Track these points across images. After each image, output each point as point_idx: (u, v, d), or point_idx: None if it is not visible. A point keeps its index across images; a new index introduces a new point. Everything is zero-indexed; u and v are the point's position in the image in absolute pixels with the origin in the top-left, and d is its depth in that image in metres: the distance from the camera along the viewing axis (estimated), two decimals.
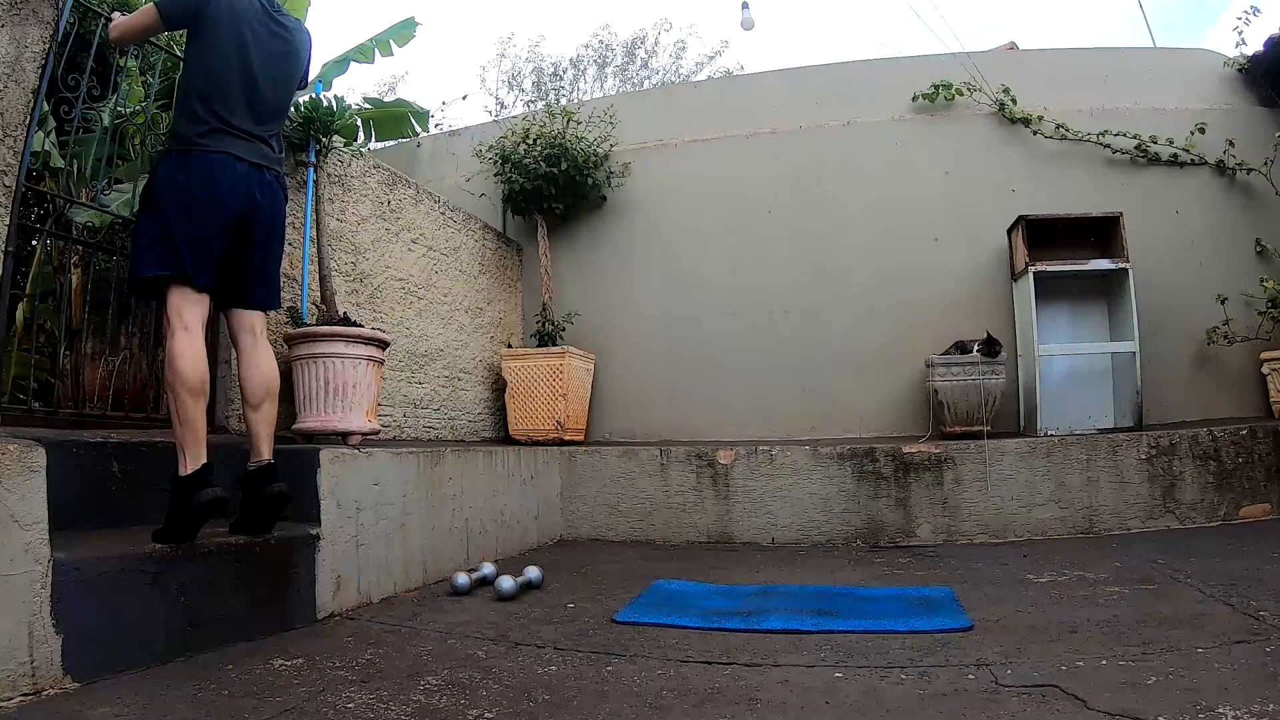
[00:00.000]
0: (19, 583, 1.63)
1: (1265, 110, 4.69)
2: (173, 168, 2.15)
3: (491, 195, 5.51)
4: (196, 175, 2.13)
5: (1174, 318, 4.46)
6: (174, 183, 2.13)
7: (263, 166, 2.28)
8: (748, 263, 5.05)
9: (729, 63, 17.02)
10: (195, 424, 2.05)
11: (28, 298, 3.00)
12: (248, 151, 2.23)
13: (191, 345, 2.08)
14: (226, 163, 2.18)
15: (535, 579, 2.87)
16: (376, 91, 11.59)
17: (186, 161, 2.15)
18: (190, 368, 2.05)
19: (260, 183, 2.27)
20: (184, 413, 2.03)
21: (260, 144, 2.29)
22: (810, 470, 3.81)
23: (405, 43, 5.05)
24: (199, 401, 2.06)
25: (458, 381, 4.59)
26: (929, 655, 1.91)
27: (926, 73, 4.97)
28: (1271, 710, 1.41)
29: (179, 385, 2.03)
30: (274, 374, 2.35)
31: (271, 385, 2.33)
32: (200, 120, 2.17)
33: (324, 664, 1.95)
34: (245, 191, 2.22)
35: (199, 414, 2.06)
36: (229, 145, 2.19)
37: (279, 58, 2.37)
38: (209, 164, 2.16)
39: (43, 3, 2.16)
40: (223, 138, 2.18)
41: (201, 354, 2.10)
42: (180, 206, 2.11)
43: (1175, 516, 3.54)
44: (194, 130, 2.17)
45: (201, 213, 2.13)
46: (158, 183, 2.16)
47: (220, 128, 2.18)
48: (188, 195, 2.12)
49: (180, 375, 2.03)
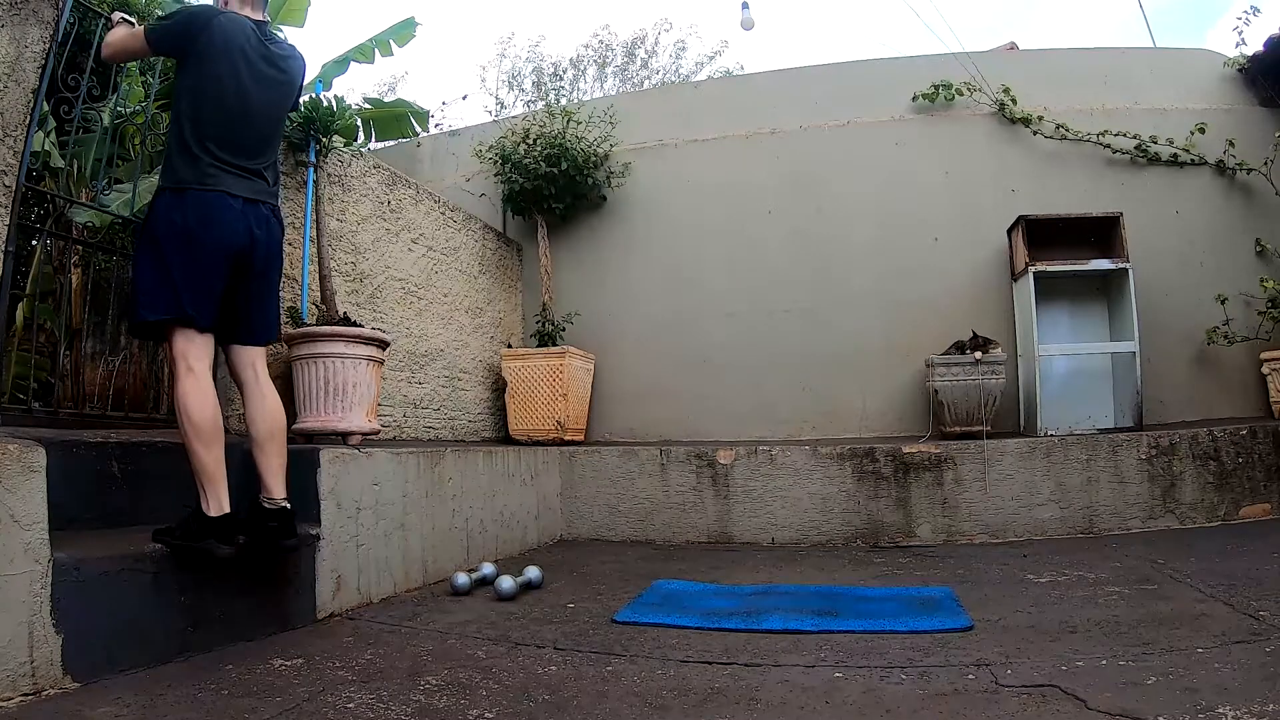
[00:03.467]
0: (19, 583, 1.63)
1: (1265, 110, 4.69)
2: (168, 206, 2.12)
3: (491, 195, 5.51)
4: (193, 215, 2.10)
5: (1174, 318, 4.46)
6: (171, 223, 2.09)
7: (259, 201, 2.25)
8: (748, 263, 5.05)
9: (729, 63, 17.02)
10: (210, 470, 2.04)
11: (28, 298, 3.00)
12: (243, 188, 2.20)
13: (199, 388, 2.07)
14: (222, 201, 2.15)
15: (535, 579, 2.87)
16: (376, 91, 11.61)
17: (182, 200, 2.11)
18: (198, 410, 2.03)
19: (257, 218, 2.23)
20: (197, 460, 2.02)
21: (255, 179, 2.26)
22: (810, 470, 3.81)
23: (405, 43, 5.04)
24: (211, 449, 2.04)
25: (458, 381, 4.59)
26: (929, 655, 1.91)
27: (926, 73, 4.98)
28: (1271, 710, 1.41)
29: (189, 429, 2.02)
30: (279, 413, 2.30)
31: (276, 426, 2.28)
32: (194, 157, 2.13)
33: (324, 664, 1.95)
34: (242, 228, 2.18)
35: (213, 461, 2.05)
36: (224, 183, 2.16)
37: (273, 87, 2.32)
38: (205, 203, 2.12)
39: (43, 3, 2.16)
40: (218, 175, 2.15)
41: (210, 396, 2.09)
42: (178, 247, 2.08)
43: (1175, 516, 3.54)
44: (188, 168, 2.13)
45: (200, 253, 2.10)
46: (154, 223, 2.13)
47: (214, 165, 2.15)
48: (185, 235, 2.08)
49: (190, 419, 2.02)
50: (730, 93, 5.86)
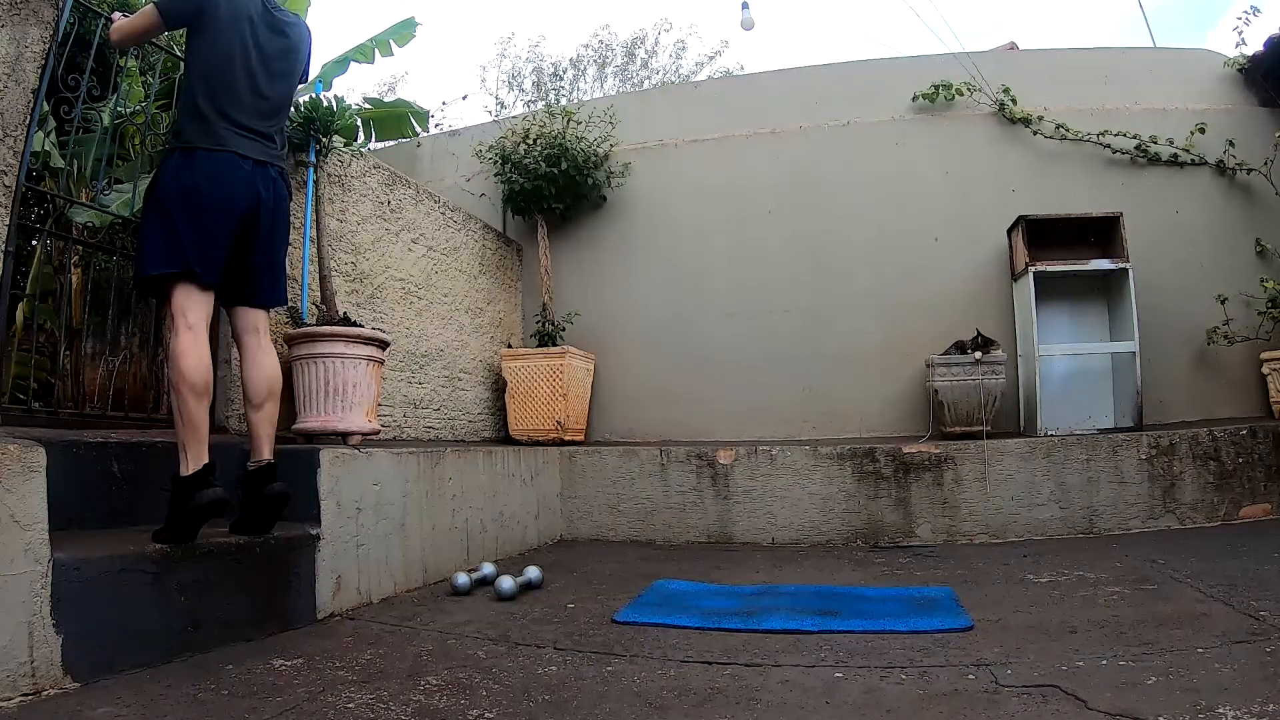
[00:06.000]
0: (19, 583, 1.63)
1: (1265, 110, 4.69)
2: (177, 166, 2.15)
3: (491, 195, 5.50)
4: (201, 173, 2.14)
5: (1174, 318, 4.45)
6: (178, 181, 2.13)
7: (266, 163, 2.29)
8: (748, 263, 5.05)
9: (729, 63, 17.03)
10: (198, 423, 2.05)
11: (28, 298, 3.00)
12: (251, 149, 2.24)
13: (195, 343, 2.09)
14: (230, 161, 2.19)
15: (535, 579, 2.87)
16: (376, 91, 11.61)
17: (190, 160, 2.15)
18: (194, 366, 2.05)
19: (264, 179, 2.27)
20: (186, 412, 2.03)
21: (263, 141, 2.30)
22: (810, 470, 3.81)
23: (405, 43, 5.05)
24: (202, 401, 2.06)
25: (458, 381, 4.59)
26: (929, 655, 1.91)
27: (926, 73, 4.97)
28: (1271, 710, 1.41)
29: (182, 384, 2.03)
30: (277, 374, 2.35)
31: (274, 385, 2.33)
32: (203, 118, 2.17)
33: (324, 664, 1.95)
34: (250, 189, 2.22)
35: (202, 414, 2.06)
36: (233, 143, 2.20)
37: (280, 54, 2.38)
38: (213, 162, 2.16)
39: (43, 3, 2.15)
40: (226, 135, 2.19)
41: (206, 352, 2.11)
42: (185, 205, 2.12)
43: (1175, 516, 3.54)
44: (197, 129, 2.17)
45: (207, 211, 2.13)
46: (162, 181, 2.17)
47: (223, 126, 2.19)
48: (193, 193, 2.12)
49: (184, 373, 2.04)
50: (730, 93, 5.86)
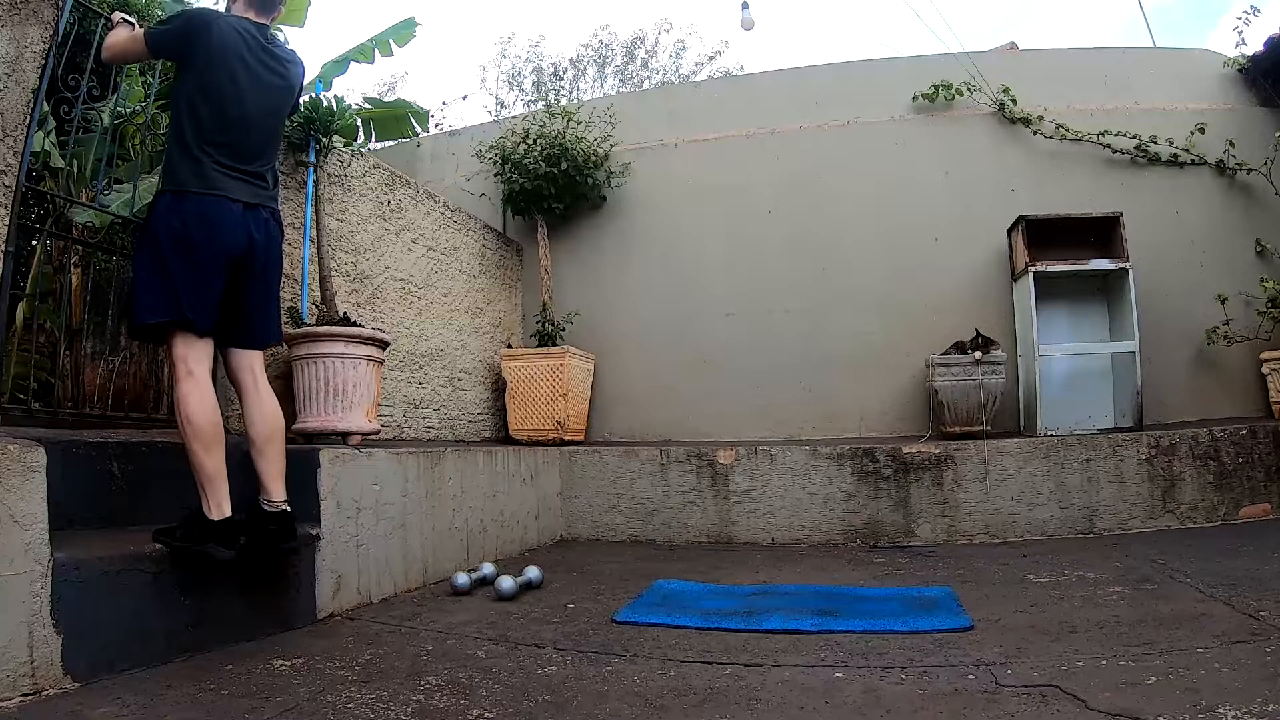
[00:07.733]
0: (19, 583, 1.63)
1: (1265, 110, 4.69)
2: (168, 210, 2.11)
3: (491, 195, 5.51)
4: (192, 218, 2.10)
5: (1174, 318, 4.46)
6: (171, 227, 2.09)
7: (258, 206, 2.25)
8: (748, 263, 5.05)
9: (729, 63, 17.01)
10: (210, 473, 2.03)
11: (28, 298, 3.00)
12: (242, 191, 2.20)
13: (198, 391, 2.07)
14: (222, 206, 2.14)
15: (535, 579, 2.87)
16: (376, 91, 11.62)
17: (182, 204, 2.11)
18: (198, 413, 2.03)
19: (256, 221, 2.23)
20: (197, 462, 2.02)
21: (254, 183, 2.25)
22: (810, 470, 3.81)
23: (405, 43, 5.04)
24: (212, 452, 2.04)
25: (458, 381, 4.59)
26: (929, 655, 1.91)
27: (926, 73, 4.97)
28: (1271, 710, 1.41)
29: (190, 436, 2.02)
30: (277, 416, 2.29)
31: (275, 429, 2.27)
32: (195, 161, 2.13)
33: (324, 664, 1.95)
34: (242, 232, 2.18)
35: (214, 465, 2.04)
36: (223, 186, 2.15)
37: (272, 91, 2.31)
38: (204, 206, 2.12)
39: (43, 3, 2.15)
40: (217, 178, 2.15)
41: (210, 399, 2.09)
42: (178, 252, 2.08)
43: (1175, 516, 3.54)
44: (189, 170, 2.13)
45: (199, 257, 2.10)
46: (154, 226, 2.12)
47: (213, 167, 2.15)
48: (185, 240, 2.08)
49: (191, 423, 2.02)
50: (730, 93, 5.85)
